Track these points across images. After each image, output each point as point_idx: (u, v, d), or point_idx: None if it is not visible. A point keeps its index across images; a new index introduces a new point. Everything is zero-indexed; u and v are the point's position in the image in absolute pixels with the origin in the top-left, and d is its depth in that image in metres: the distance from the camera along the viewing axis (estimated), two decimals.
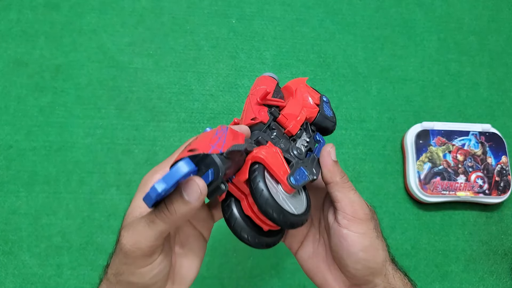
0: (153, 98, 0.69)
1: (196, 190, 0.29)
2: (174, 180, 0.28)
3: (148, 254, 0.31)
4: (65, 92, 0.68)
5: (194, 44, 0.72)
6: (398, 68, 0.75)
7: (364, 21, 0.77)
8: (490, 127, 0.70)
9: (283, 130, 0.40)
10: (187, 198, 0.29)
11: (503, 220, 0.69)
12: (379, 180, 0.69)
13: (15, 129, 0.65)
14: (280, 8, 0.76)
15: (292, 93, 0.43)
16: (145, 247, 0.31)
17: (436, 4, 0.80)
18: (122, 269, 0.32)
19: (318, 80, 0.73)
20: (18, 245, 0.61)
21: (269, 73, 0.44)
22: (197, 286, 0.61)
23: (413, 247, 0.66)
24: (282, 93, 0.44)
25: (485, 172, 0.68)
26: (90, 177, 0.64)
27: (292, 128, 0.40)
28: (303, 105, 0.42)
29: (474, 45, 0.78)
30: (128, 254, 0.31)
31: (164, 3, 0.74)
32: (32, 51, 0.69)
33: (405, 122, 0.72)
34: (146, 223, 0.31)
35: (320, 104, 0.43)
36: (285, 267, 0.63)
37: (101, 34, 0.71)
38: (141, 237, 0.31)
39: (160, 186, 0.27)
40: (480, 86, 0.76)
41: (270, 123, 0.39)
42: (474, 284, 0.66)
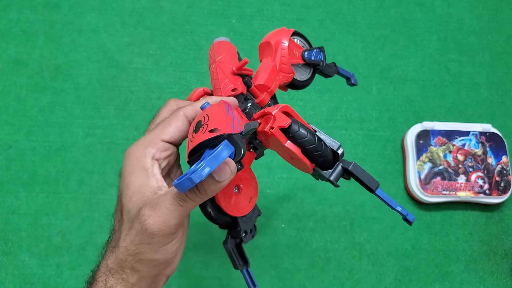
0: (153, 98, 0.69)
1: (227, 171, 0.30)
2: (217, 165, 0.28)
3: (175, 231, 0.32)
4: (65, 92, 0.68)
5: (194, 44, 0.72)
6: (398, 68, 0.75)
7: (364, 21, 0.77)
8: (490, 127, 0.70)
9: (255, 99, 0.41)
10: (219, 179, 0.30)
11: (504, 220, 0.69)
12: (379, 180, 0.68)
13: (15, 129, 0.65)
14: (280, 8, 0.76)
15: (271, 52, 0.43)
16: (174, 225, 0.31)
17: (436, 4, 0.80)
18: (144, 249, 0.32)
19: (318, 80, 0.73)
20: (17, 245, 0.61)
21: (223, 38, 0.43)
22: (197, 286, 0.61)
23: (413, 247, 0.66)
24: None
25: (486, 172, 0.68)
26: (89, 177, 0.64)
27: (263, 100, 0.41)
28: (279, 70, 0.42)
29: (475, 45, 0.78)
30: (156, 233, 0.31)
31: (164, 3, 0.74)
32: (31, 51, 0.69)
33: (405, 122, 0.72)
34: (176, 202, 0.31)
35: (304, 58, 0.44)
36: (285, 267, 0.63)
37: (101, 34, 0.71)
38: (171, 216, 0.31)
39: (205, 171, 0.27)
40: (481, 86, 0.76)
41: (247, 94, 0.40)
42: (475, 284, 0.65)
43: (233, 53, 0.42)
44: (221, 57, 0.41)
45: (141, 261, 0.32)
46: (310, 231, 0.65)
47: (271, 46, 0.43)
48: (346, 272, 0.63)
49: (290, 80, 0.43)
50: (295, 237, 0.64)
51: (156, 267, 0.33)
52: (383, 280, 0.64)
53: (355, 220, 0.66)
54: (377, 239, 0.65)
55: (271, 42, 0.43)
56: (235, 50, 0.43)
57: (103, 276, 0.33)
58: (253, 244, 0.63)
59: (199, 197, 0.31)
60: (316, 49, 0.45)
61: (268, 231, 0.64)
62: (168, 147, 0.36)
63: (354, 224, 0.66)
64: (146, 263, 0.32)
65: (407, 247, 0.66)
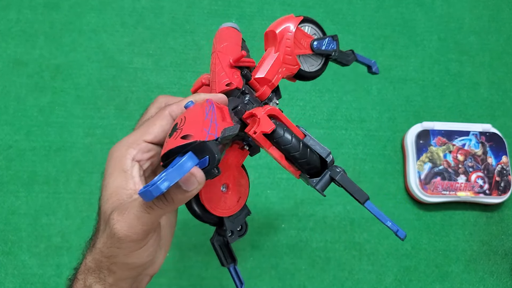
0: (153, 98, 0.68)
1: (194, 182, 0.29)
2: (178, 178, 0.27)
3: (143, 238, 0.31)
4: (65, 92, 0.68)
5: (194, 44, 0.72)
6: (399, 68, 0.75)
7: (364, 21, 0.77)
8: (490, 127, 0.70)
9: (254, 93, 0.39)
10: (186, 188, 0.29)
11: (504, 220, 0.69)
12: (379, 180, 0.69)
13: (15, 129, 0.65)
14: (280, 8, 0.76)
15: (275, 42, 0.40)
16: (141, 232, 0.30)
17: (436, 4, 0.80)
18: (116, 252, 0.31)
19: (318, 80, 0.73)
20: (17, 245, 0.61)
21: (231, 23, 0.41)
22: (197, 286, 0.61)
23: (413, 247, 0.66)
24: (247, 48, 0.42)
25: (486, 172, 0.68)
26: (89, 177, 0.64)
27: (263, 93, 0.39)
28: (282, 62, 0.40)
29: (475, 45, 0.78)
30: (123, 239, 0.30)
31: (164, 3, 0.74)
32: (31, 51, 0.69)
33: (405, 122, 0.72)
34: (143, 209, 0.30)
35: (312, 47, 0.41)
36: (285, 267, 0.63)
37: (101, 34, 0.71)
38: (137, 222, 0.30)
39: (164, 185, 0.26)
40: (481, 86, 0.76)
41: (244, 88, 0.38)
42: (475, 284, 0.65)
43: (236, 42, 0.39)
44: (223, 46, 0.38)
45: (115, 263, 0.32)
46: (310, 231, 0.65)
47: (275, 36, 0.40)
48: (346, 272, 0.63)
49: (295, 72, 0.41)
50: (295, 237, 0.64)
51: (132, 269, 0.33)
52: (383, 280, 0.64)
53: (355, 220, 0.66)
54: (377, 239, 0.65)
55: (275, 31, 0.40)
56: (239, 38, 0.40)
57: (82, 274, 0.33)
58: (253, 244, 0.63)
59: (166, 206, 0.30)
60: (328, 38, 0.41)
61: (268, 231, 0.64)
62: (151, 147, 0.35)
63: (354, 224, 0.66)
64: (120, 265, 0.32)
65: (407, 247, 0.66)
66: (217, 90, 0.37)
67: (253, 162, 0.67)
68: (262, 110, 0.34)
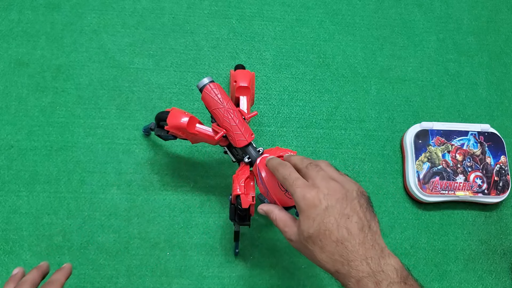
0: (154, 98, 0.69)
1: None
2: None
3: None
4: (66, 92, 0.68)
5: (195, 44, 0.73)
6: (397, 69, 0.76)
7: (364, 21, 0.78)
8: (489, 127, 0.71)
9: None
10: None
11: (502, 219, 0.69)
12: (379, 180, 0.69)
13: (16, 129, 0.65)
14: (280, 9, 0.77)
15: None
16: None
17: (435, 4, 0.80)
18: None
19: (318, 81, 0.74)
20: (19, 245, 0.61)
21: (207, 79, 0.54)
22: (197, 285, 0.61)
23: (412, 247, 0.66)
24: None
25: (484, 172, 0.68)
26: (90, 177, 0.64)
27: None
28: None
29: (473, 45, 0.78)
30: None
31: (165, 4, 0.74)
32: (33, 51, 0.69)
33: (404, 122, 0.72)
34: None
35: None
36: (285, 267, 0.63)
37: (102, 34, 0.71)
38: None
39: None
40: (479, 86, 0.76)
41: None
42: (473, 283, 0.66)
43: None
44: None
45: None
46: None
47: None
48: None
49: None
50: None
51: None
52: None
53: None
54: None
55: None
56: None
57: None
58: (253, 243, 0.64)
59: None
60: None
61: (268, 231, 0.65)
62: None
63: None
64: None
65: (406, 246, 0.66)
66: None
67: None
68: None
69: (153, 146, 0.67)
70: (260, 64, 0.73)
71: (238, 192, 0.53)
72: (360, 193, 0.42)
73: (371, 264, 0.38)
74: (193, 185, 0.65)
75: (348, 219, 0.40)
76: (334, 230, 0.39)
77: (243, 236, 0.64)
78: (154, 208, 0.64)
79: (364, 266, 0.38)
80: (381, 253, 0.39)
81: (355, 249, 0.39)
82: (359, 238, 0.39)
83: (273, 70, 0.73)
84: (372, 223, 0.41)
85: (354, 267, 0.38)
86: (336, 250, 0.39)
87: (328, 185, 0.42)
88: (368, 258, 0.38)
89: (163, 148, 0.67)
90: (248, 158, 0.55)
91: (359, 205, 0.41)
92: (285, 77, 0.73)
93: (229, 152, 0.58)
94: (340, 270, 0.39)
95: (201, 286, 0.61)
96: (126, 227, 0.63)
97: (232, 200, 0.55)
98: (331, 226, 0.40)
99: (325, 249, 0.40)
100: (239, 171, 0.55)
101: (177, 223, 0.63)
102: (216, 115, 0.54)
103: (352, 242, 0.39)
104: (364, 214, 0.41)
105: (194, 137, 0.56)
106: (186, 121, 0.54)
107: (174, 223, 0.63)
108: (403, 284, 0.38)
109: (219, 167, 0.67)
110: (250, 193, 0.54)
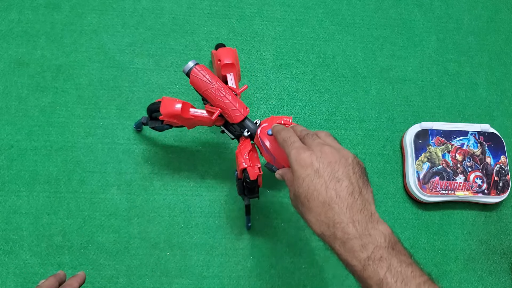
0: (154, 98, 0.69)
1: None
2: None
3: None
4: (66, 92, 0.68)
5: (195, 44, 0.73)
6: (397, 69, 0.76)
7: (364, 21, 0.78)
8: (489, 127, 0.71)
9: None
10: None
11: (502, 219, 0.69)
12: (379, 180, 0.69)
13: (16, 129, 0.65)
14: (280, 9, 0.77)
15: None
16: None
17: (435, 4, 0.80)
18: None
19: (318, 80, 0.74)
20: (19, 245, 0.61)
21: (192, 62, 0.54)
22: (197, 285, 0.61)
23: (412, 247, 0.66)
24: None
25: (484, 172, 0.68)
26: (90, 177, 0.64)
27: None
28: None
29: (473, 45, 0.78)
30: None
31: (165, 4, 0.74)
32: (33, 51, 0.69)
33: (404, 122, 0.72)
34: None
35: None
36: (285, 266, 0.63)
37: (102, 34, 0.71)
38: None
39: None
40: (479, 86, 0.76)
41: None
42: (473, 283, 0.66)
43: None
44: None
45: None
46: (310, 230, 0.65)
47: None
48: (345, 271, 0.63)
49: None
50: (294, 236, 0.65)
51: None
52: None
53: None
54: None
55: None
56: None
57: None
58: (253, 243, 0.64)
59: None
60: None
61: (268, 231, 0.65)
62: None
63: None
64: None
65: (406, 246, 0.66)
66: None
67: None
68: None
69: (154, 145, 0.67)
70: (260, 64, 0.73)
71: (244, 165, 0.54)
72: (355, 161, 0.43)
73: (358, 227, 0.38)
74: (193, 185, 0.65)
75: (338, 182, 0.40)
76: (322, 191, 0.40)
77: (242, 236, 0.64)
78: (154, 208, 0.64)
79: (350, 228, 0.38)
80: (370, 218, 0.39)
81: (342, 211, 0.39)
82: (348, 202, 0.39)
83: (273, 70, 0.73)
84: (364, 190, 0.41)
85: (340, 229, 0.39)
86: (322, 211, 0.40)
87: (322, 149, 0.42)
88: (355, 221, 0.39)
89: (163, 148, 0.67)
90: (247, 132, 0.55)
91: (352, 171, 0.41)
92: (285, 77, 0.73)
93: (226, 131, 0.58)
94: (326, 232, 0.40)
95: (201, 286, 0.61)
96: (126, 227, 0.63)
97: (239, 175, 0.56)
98: (320, 187, 0.40)
99: (313, 210, 0.40)
100: (241, 146, 0.56)
101: (177, 223, 0.63)
102: (208, 96, 0.54)
103: (340, 205, 0.39)
104: (357, 181, 0.41)
105: (189, 122, 0.57)
106: (180, 107, 0.55)
107: (174, 223, 0.63)
108: (390, 249, 0.38)
109: (219, 167, 0.67)
110: (256, 164, 0.55)
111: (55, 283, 0.48)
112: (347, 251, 0.38)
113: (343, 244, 0.38)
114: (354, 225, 0.38)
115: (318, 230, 0.40)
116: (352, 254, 0.38)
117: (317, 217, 0.40)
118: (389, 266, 0.36)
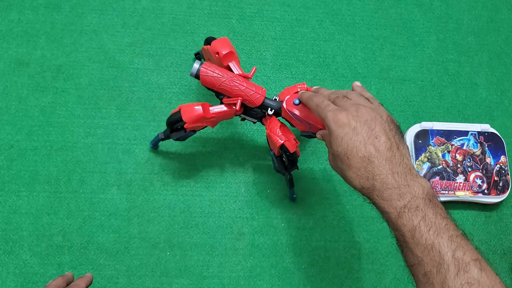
0: (154, 98, 0.69)
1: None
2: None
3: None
4: (66, 92, 0.68)
5: (195, 44, 0.73)
6: (397, 69, 0.76)
7: (364, 21, 0.78)
8: (489, 127, 0.71)
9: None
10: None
11: (502, 219, 0.69)
12: None
13: (16, 129, 0.65)
14: (280, 9, 0.77)
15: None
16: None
17: (435, 4, 0.80)
18: None
19: (318, 80, 0.74)
20: (19, 245, 0.61)
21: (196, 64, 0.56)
22: (197, 285, 0.61)
23: None
24: None
25: (484, 172, 0.68)
26: (90, 177, 0.64)
27: None
28: None
29: (473, 45, 0.78)
30: None
31: (165, 4, 0.74)
32: (33, 51, 0.69)
33: (404, 122, 0.72)
34: None
35: None
36: (285, 266, 0.63)
37: (102, 34, 0.71)
38: None
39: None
40: (479, 86, 0.76)
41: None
42: None
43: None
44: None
45: None
46: (310, 230, 0.65)
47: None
48: (346, 271, 0.64)
49: None
50: (295, 236, 0.65)
51: None
52: (382, 279, 0.64)
53: (355, 219, 0.66)
54: (376, 238, 0.66)
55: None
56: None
57: None
58: (253, 243, 0.64)
59: None
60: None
61: (268, 230, 0.65)
62: None
63: (353, 224, 0.66)
64: None
65: None
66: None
67: (253, 162, 0.67)
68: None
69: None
70: (260, 64, 0.73)
71: (280, 141, 0.55)
72: (390, 119, 0.44)
73: (397, 178, 0.40)
74: (193, 185, 0.65)
75: (376, 138, 0.41)
76: (361, 147, 0.41)
77: (243, 236, 0.64)
78: (154, 208, 0.64)
79: (389, 179, 0.40)
80: (409, 171, 0.41)
81: (382, 164, 0.40)
82: (387, 156, 0.41)
83: (273, 70, 0.73)
84: (401, 146, 0.42)
85: (380, 180, 0.40)
86: (362, 166, 0.41)
87: (357, 108, 0.44)
88: (394, 173, 0.40)
89: (163, 148, 0.67)
90: (271, 110, 0.56)
91: (388, 128, 0.43)
92: (285, 77, 0.73)
93: (247, 117, 0.59)
94: (365, 185, 0.41)
95: (201, 286, 0.61)
96: (126, 227, 0.63)
97: (277, 153, 0.57)
98: (359, 143, 0.41)
99: (352, 165, 0.41)
100: (269, 126, 0.56)
101: (177, 223, 0.63)
102: (223, 89, 0.55)
103: (379, 159, 0.41)
104: (393, 136, 0.42)
105: (212, 120, 0.57)
106: (201, 109, 0.56)
107: (174, 223, 0.63)
108: (427, 201, 0.39)
109: (219, 167, 0.67)
110: (291, 137, 0.56)
111: (63, 283, 0.49)
112: (384, 199, 0.40)
113: (381, 193, 0.40)
114: (394, 176, 0.40)
115: (358, 185, 0.42)
116: (389, 202, 0.39)
117: (357, 172, 0.41)
118: (424, 216, 0.38)
